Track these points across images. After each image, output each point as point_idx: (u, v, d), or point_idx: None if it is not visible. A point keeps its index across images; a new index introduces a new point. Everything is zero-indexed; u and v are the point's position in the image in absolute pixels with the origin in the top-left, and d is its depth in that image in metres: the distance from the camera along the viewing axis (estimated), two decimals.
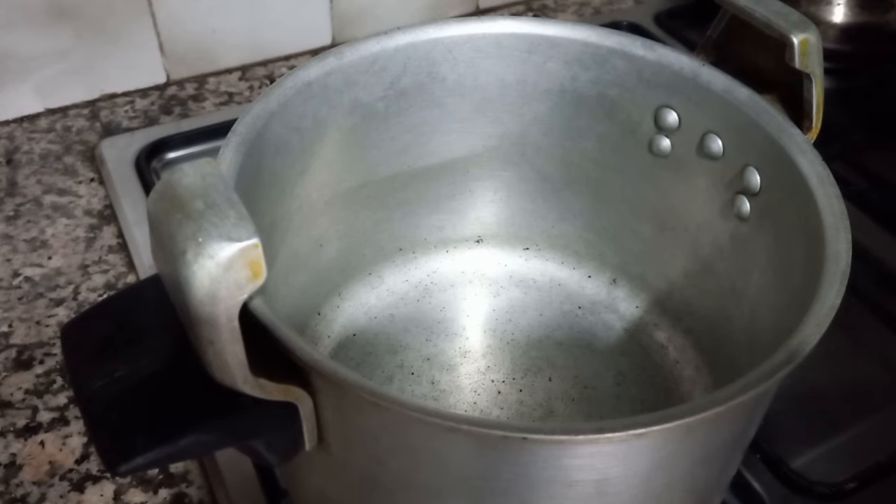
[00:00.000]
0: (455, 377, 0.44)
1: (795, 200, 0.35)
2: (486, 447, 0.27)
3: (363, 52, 0.40)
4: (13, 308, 0.52)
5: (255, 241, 0.24)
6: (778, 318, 0.35)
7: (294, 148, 0.39)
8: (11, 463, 0.44)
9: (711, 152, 0.40)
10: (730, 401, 0.27)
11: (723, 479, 0.35)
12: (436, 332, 0.46)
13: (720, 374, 0.43)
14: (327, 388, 0.28)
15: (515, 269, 0.49)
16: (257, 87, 0.71)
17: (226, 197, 0.25)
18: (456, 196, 0.48)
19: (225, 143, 0.35)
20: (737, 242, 0.40)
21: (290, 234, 0.41)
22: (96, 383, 0.27)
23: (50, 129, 0.65)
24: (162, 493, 0.42)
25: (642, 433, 0.26)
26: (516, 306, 0.48)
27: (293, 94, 0.38)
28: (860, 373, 0.49)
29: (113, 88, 0.68)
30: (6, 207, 0.58)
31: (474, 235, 0.50)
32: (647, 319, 0.47)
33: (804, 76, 0.36)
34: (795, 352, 0.28)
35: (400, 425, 0.27)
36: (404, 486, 0.30)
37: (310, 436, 0.30)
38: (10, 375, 0.48)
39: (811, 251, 0.32)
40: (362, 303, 0.47)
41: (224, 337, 0.25)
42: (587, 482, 0.28)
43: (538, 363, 0.45)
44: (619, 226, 0.46)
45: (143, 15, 0.66)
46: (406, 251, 0.49)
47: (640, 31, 0.72)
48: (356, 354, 0.45)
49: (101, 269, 0.54)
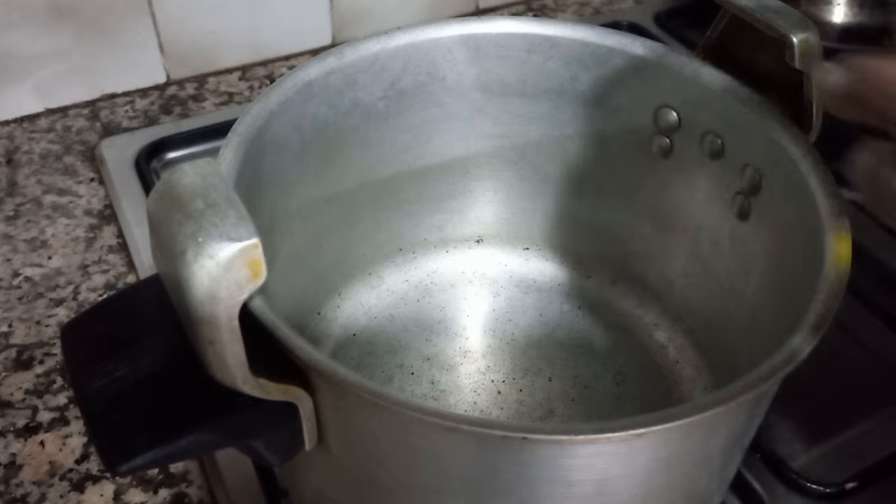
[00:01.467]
0: (455, 377, 0.44)
1: (795, 200, 0.35)
2: (486, 447, 0.27)
3: (363, 52, 0.40)
4: (13, 308, 0.51)
5: (254, 241, 0.24)
6: (778, 318, 0.35)
7: (294, 148, 0.39)
8: (11, 463, 0.44)
9: (711, 152, 0.40)
10: (730, 401, 0.27)
11: (723, 479, 0.35)
12: (436, 332, 0.46)
13: (720, 374, 0.43)
14: (327, 388, 0.28)
15: (515, 269, 0.49)
16: (257, 87, 0.71)
17: (226, 197, 0.25)
18: (456, 196, 0.48)
19: (225, 142, 0.35)
20: (737, 242, 0.40)
21: (290, 234, 0.41)
22: (96, 383, 0.27)
23: (50, 129, 0.65)
24: (162, 493, 0.42)
25: (642, 433, 0.26)
26: (516, 306, 0.48)
27: (293, 94, 0.38)
28: (860, 373, 0.49)
29: (113, 88, 0.68)
30: (6, 207, 0.58)
31: (474, 235, 0.50)
32: (647, 319, 0.47)
33: (804, 76, 0.36)
34: (795, 352, 0.28)
35: (400, 425, 0.27)
36: (404, 486, 0.30)
37: (310, 436, 0.30)
38: (10, 375, 0.48)
39: (811, 251, 0.32)
40: (362, 303, 0.47)
41: (224, 337, 0.25)
42: (587, 482, 0.28)
43: (538, 363, 0.45)
44: (619, 226, 0.46)
45: (143, 15, 0.66)
46: (406, 251, 0.49)
47: (640, 31, 0.71)
48: (356, 354, 0.45)
49: (101, 269, 0.54)
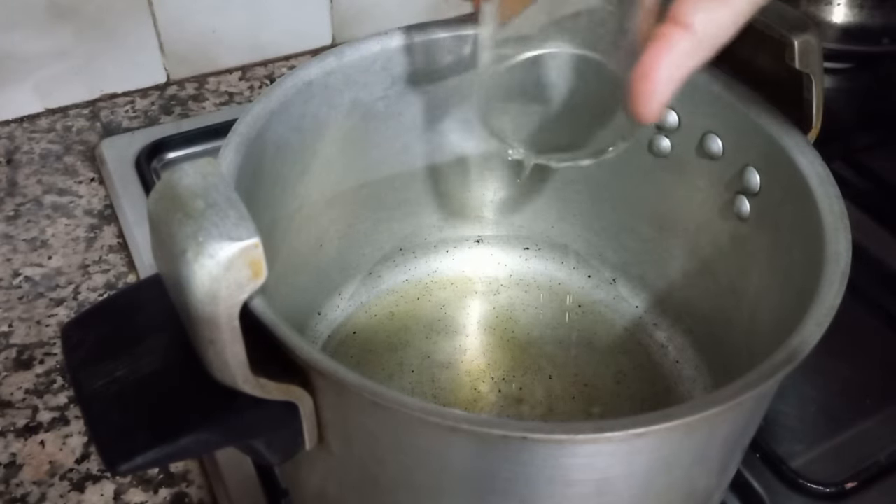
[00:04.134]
0: (455, 375, 0.44)
1: (795, 200, 0.35)
2: (486, 446, 0.27)
3: (363, 52, 0.40)
4: (13, 308, 0.52)
5: (255, 241, 0.24)
6: (778, 318, 0.35)
7: (294, 148, 0.39)
8: (11, 463, 0.44)
9: (711, 152, 0.40)
10: (730, 401, 0.27)
11: (723, 479, 0.35)
12: (436, 330, 0.46)
13: (720, 374, 0.43)
14: (327, 387, 0.28)
15: (515, 269, 0.49)
16: (257, 87, 0.71)
17: (226, 196, 0.25)
18: (456, 196, 0.48)
19: (225, 142, 0.35)
20: (736, 242, 0.40)
21: (291, 234, 0.41)
22: (96, 383, 0.27)
23: (50, 128, 0.65)
24: (162, 492, 0.42)
25: (642, 433, 0.26)
26: (516, 305, 0.48)
27: (293, 94, 0.38)
28: (860, 373, 0.49)
29: (113, 88, 0.68)
30: (6, 207, 0.58)
31: (474, 235, 0.50)
32: (647, 319, 0.47)
33: (804, 76, 0.36)
34: (795, 352, 0.28)
35: (400, 424, 0.27)
36: (404, 485, 0.30)
37: (310, 435, 0.30)
38: (10, 375, 0.48)
39: (811, 251, 0.32)
40: (362, 302, 0.47)
41: (224, 336, 0.25)
42: (587, 482, 0.28)
43: (538, 361, 0.45)
44: (619, 226, 0.46)
45: (143, 15, 0.66)
46: (406, 251, 0.49)
47: None
48: (356, 353, 0.45)
49: (101, 268, 0.54)
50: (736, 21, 0.28)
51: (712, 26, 0.28)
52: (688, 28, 0.28)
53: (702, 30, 0.28)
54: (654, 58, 0.28)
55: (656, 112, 0.29)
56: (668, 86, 0.28)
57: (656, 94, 0.28)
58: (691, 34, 0.28)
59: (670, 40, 0.28)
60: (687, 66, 0.28)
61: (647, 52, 0.28)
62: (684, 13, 0.28)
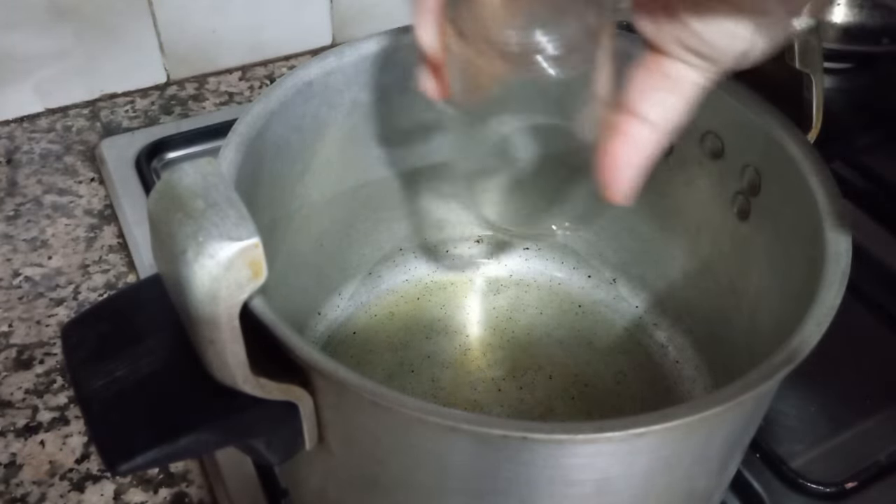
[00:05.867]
0: (455, 374, 0.44)
1: (795, 200, 0.35)
2: (486, 446, 0.27)
3: (363, 52, 0.40)
4: (13, 308, 0.52)
5: (255, 241, 0.24)
6: (778, 318, 0.35)
7: (294, 147, 0.39)
8: (11, 462, 0.44)
9: (711, 152, 0.40)
10: (730, 401, 0.27)
11: (723, 478, 0.35)
12: (436, 330, 0.46)
13: (720, 374, 0.43)
14: (327, 387, 0.28)
15: (515, 268, 0.49)
16: (257, 87, 0.71)
17: (226, 196, 0.25)
18: (456, 196, 0.48)
19: (225, 142, 0.35)
20: (737, 242, 0.40)
21: (291, 234, 0.41)
22: (96, 383, 0.27)
23: (50, 128, 0.65)
24: (162, 492, 0.42)
25: (642, 433, 0.26)
26: (516, 305, 0.48)
27: (293, 94, 0.38)
28: (860, 373, 0.49)
29: (113, 88, 0.68)
30: (6, 207, 0.58)
31: (474, 235, 0.50)
32: (647, 319, 0.47)
33: (804, 76, 0.36)
34: (795, 352, 0.28)
35: (400, 424, 0.27)
36: (404, 485, 0.30)
37: (310, 435, 0.30)
38: (10, 375, 0.48)
39: (811, 251, 0.32)
40: (362, 302, 0.47)
41: (224, 336, 0.25)
42: (587, 482, 0.28)
43: (538, 361, 0.45)
44: (619, 226, 0.46)
45: (143, 15, 0.66)
46: (406, 251, 0.49)
47: None
48: (356, 353, 0.45)
49: (101, 268, 0.54)
50: (687, 105, 0.28)
51: (665, 114, 0.28)
52: (643, 119, 0.28)
53: (654, 119, 0.28)
54: (614, 150, 0.28)
55: (630, 196, 0.29)
56: (633, 172, 0.29)
57: (624, 182, 0.29)
58: (648, 124, 0.28)
59: (627, 132, 0.28)
60: (648, 152, 0.28)
61: (607, 144, 0.28)
62: (635, 103, 0.28)
